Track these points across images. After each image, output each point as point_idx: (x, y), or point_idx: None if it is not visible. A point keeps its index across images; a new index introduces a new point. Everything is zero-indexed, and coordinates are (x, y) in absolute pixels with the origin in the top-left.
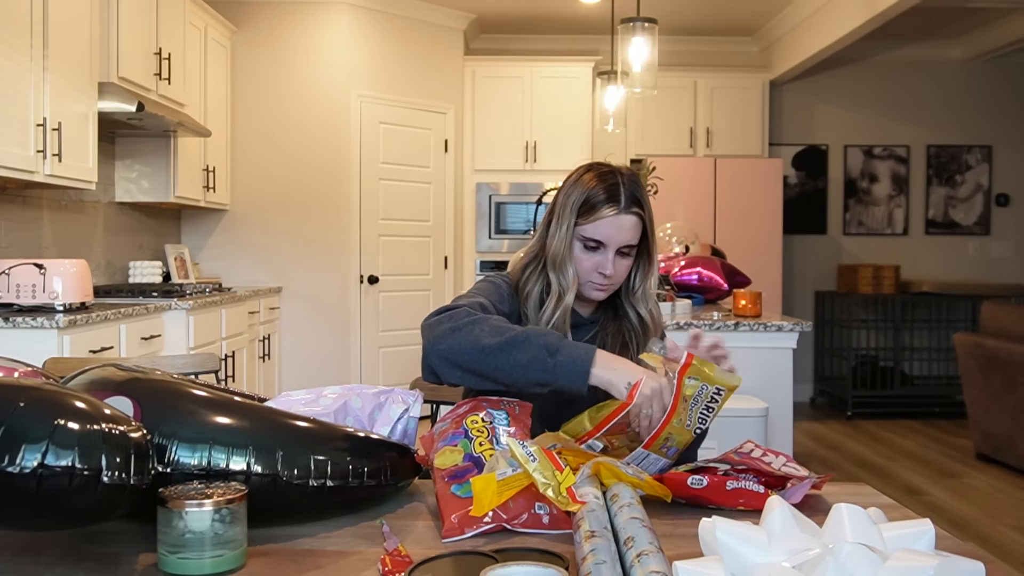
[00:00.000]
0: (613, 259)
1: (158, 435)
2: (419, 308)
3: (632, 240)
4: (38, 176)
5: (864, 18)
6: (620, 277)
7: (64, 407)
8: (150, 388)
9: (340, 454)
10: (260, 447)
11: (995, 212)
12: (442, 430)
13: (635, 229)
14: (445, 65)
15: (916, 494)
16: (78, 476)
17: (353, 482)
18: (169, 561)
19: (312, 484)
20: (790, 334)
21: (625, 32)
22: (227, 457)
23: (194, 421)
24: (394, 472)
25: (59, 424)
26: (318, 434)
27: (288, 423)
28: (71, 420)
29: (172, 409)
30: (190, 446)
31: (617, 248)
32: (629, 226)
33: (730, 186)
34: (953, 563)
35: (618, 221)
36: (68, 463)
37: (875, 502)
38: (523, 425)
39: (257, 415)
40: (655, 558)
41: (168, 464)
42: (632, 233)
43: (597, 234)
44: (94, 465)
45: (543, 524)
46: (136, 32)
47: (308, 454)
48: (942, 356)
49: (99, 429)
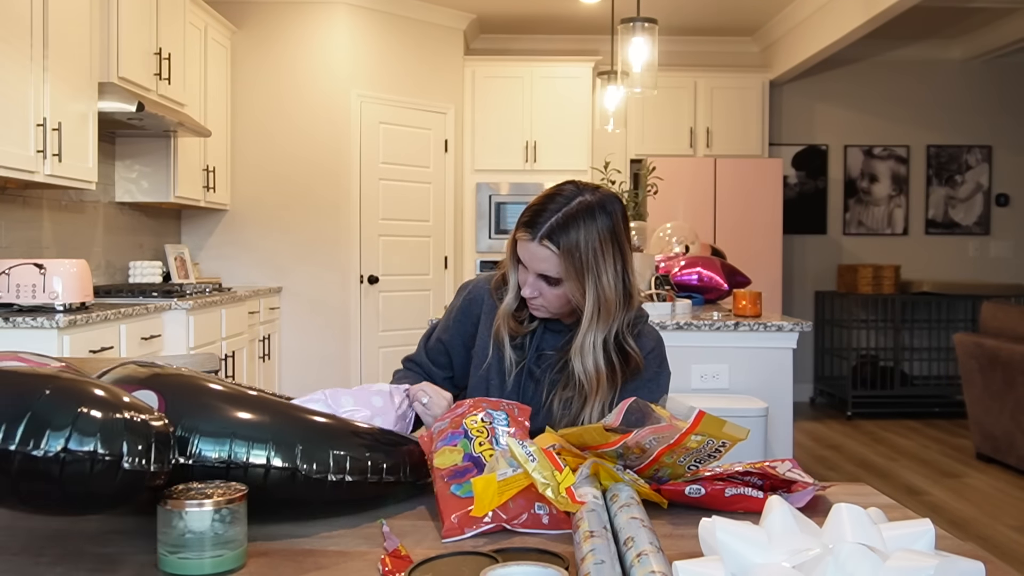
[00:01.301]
0: (532, 282)
1: (181, 428)
2: (419, 308)
3: (547, 271)
4: (38, 176)
5: (864, 18)
6: (551, 303)
7: (88, 396)
8: (174, 383)
9: (359, 449)
10: (280, 441)
11: (995, 212)
12: (440, 429)
13: (548, 262)
14: (445, 65)
15: (916, 494)
16: (100, 461)
17: (372, 477)
18: (169, 561)
19: (331, 479)
20: (790, 334)
21: (625, 32)
22: (247, 451)
23: (216, 415)
24: (413, 469)
25: (82, 412)
26: (337, 429)
27: (307, 419)
28: (94, 408)
29: (195, 403)
30: (212, 439)
31: (536, 274)
32: (542, 256)
33: (730, 186)
34: (953, 563)
35: (530, 248)
36: (91, 448)
37: (875, 502)
38: (522, 426)
39: (277, 410)
40: (655, 558)
41: (190, 456)
42: (546, 265)
43: (519, 252)
44: (115, 451)
45: (543, 524)
46: (136, 32)
47: (327, 449)
48: (942, 356)
49: (121, 417)
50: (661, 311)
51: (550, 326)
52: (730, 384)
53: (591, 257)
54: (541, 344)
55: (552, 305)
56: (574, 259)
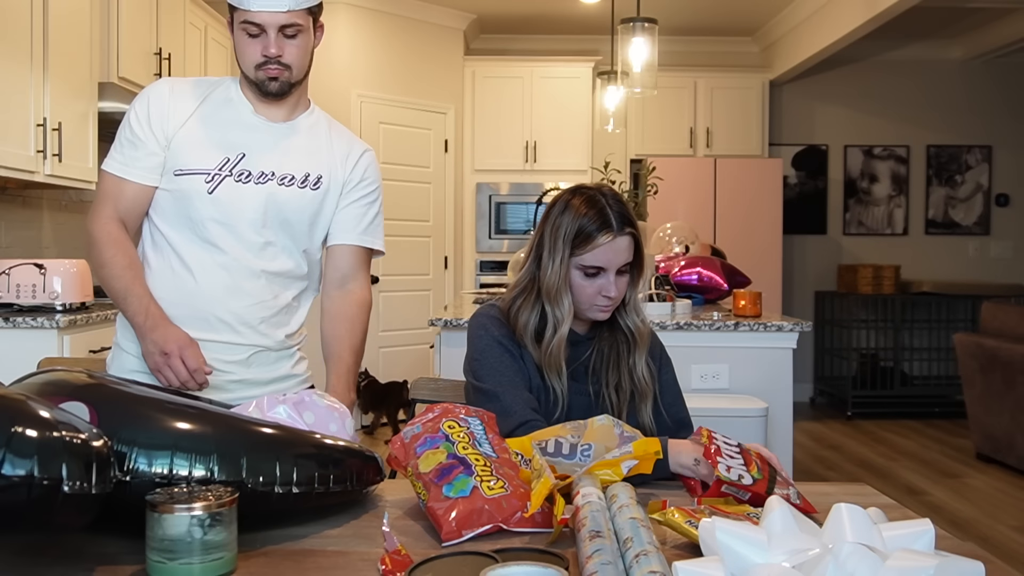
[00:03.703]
0: (615, 280)
1: (117, 442)
2: (419, 308)
3: (629, 259)
4: (38, 176)
5: (864, 18)
6: (622, 294)
7: (21, 414)
8: (106, 393)
9: (306, 460)
10: (224, 453)
11: (995, 212)
12: (415, 434)
13: (630, 248)
14: (445, 65)
15: (916, 494)
16: (37, 486)
17: (319, 488)
18: (157, 567)
19: (278, 491)
20: (790, 334)
21: (625, 32)
22: (190, 464)
23: (155, 427)
24: (359, 477)
25: (16, 432)
26: (284, 440)
27: (253, 429)
28: (29, 427)
29: (131, 414)
30: (151, 452)
31: (616, 269)
32: (625, 247)
33: (730, 186)
34: (953, 563)
35: (615, 245)
36: (26, 472)
37: (875, 502)
38: (496, 432)
39: (219, 421)
40: (654, 558)
41: (127, 472)
42: (628, 253)
43: (596, 261)
44: (54, 475)
45: (536, 523)
46: (136, 32)
47: (274, 460)
48: (942, 356)
49: (59, 436)
50: (661, 311)
51: (574, 338)
52: (730, 384)
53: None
54: (570, 360)
55: (621, 297)
56: (640, 230)
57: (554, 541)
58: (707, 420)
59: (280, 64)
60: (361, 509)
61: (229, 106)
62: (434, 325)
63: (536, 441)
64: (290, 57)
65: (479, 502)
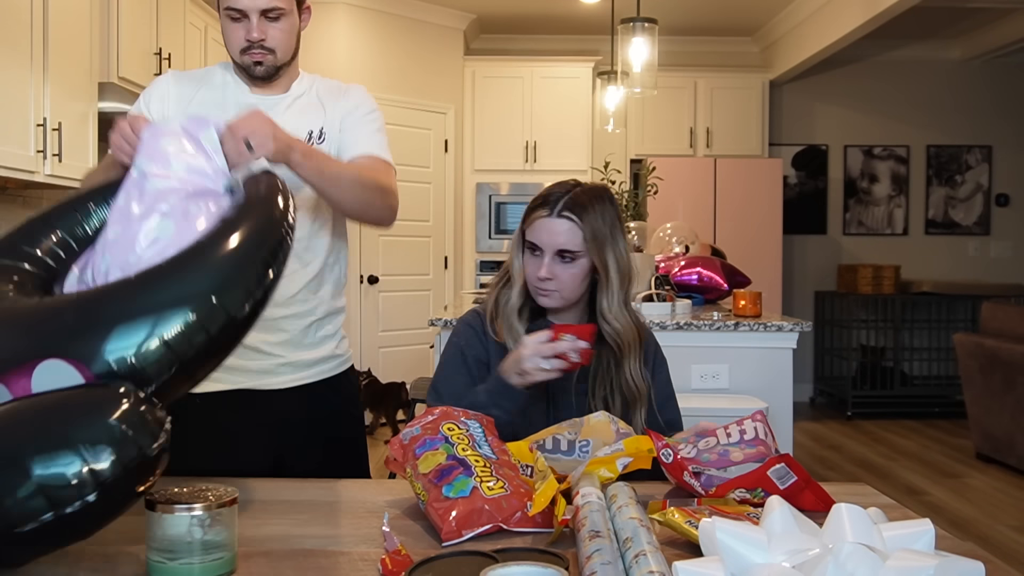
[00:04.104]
0: (548, 263)
1: None
2: (419, 308)
3: (567, 245)
4: (38, 176)
5: (864, 18)
6: (566, 285)
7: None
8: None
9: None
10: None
11: (995, 212)
12: (414, 436)
13: (569, 234)
14: (445, 65)
15: (916, 494)
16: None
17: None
18: (157, 567)
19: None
20: (790, 334)
21: (625, 32)
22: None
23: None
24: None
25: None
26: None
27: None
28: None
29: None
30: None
31: (553, 252)
32: (561, 230)
33: (730, 186)
34: (953, 563)
35: (548, 225)
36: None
37: (875, 502)
38: (496, 435)
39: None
40: (654, 558)
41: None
42: (565, 238)
43: (532, 237)
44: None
45: (536, 523)
46: (136, 32)
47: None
48: (942, 356)
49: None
50: (661, 311)
51: None
52: (730, 384)
53: (607, 229)
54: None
55: (566, 288)
56: (594, 228)
57: (554, 541)
58: (707, 420)
59: (264, 48)
60: (361, 509)
61: (226, 88)
62: (434, 325)
63: (535, 440)
64: (273, 41)
65: (479, 502)
